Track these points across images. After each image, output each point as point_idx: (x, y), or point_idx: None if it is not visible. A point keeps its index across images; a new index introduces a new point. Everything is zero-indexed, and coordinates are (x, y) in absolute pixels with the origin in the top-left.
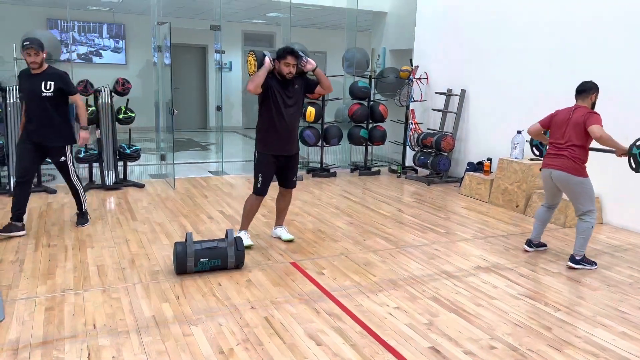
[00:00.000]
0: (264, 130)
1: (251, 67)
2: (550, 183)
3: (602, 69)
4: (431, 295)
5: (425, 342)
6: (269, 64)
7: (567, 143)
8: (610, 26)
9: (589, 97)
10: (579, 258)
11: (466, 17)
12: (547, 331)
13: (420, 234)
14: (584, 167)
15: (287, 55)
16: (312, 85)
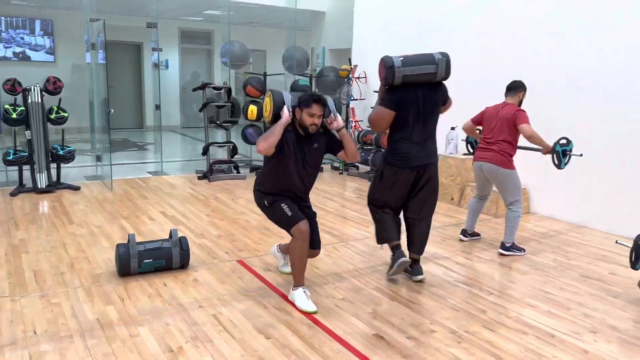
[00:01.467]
0: (270, 193)
1: (267, 111)
2: (481, 175)
3: (526, 69)
4: (374, 286)
5: (371, 329)
6: (288, 117)
7: (496, 138)
8: (536, 28)
9: (517, 95)
10: (509, 245)
11: (402, 18)
12: (482, 314)
13: (363, 228)
14: (512, 160)
15: (313, 104)
16: (338, 145)
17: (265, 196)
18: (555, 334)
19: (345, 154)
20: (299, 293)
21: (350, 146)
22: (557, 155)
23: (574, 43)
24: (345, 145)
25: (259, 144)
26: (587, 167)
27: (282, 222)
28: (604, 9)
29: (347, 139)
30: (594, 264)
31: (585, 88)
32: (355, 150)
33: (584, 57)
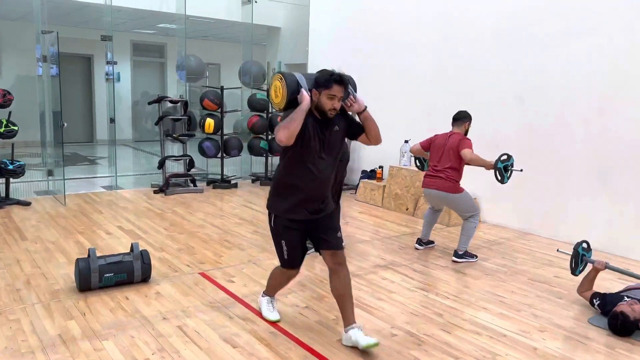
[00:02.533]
0: (285, 186)
1: (277, 97)
2: (431, 198)
3: (475, 86)
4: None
5: (335, 335)
6: (309, 100)
7: (443, 166)
8: (484, 46)
9: (463, 124)
10: (462, 253)
11: (356, 34)
12: (439, 317)
13: None
14: (459, 184)
15: (333, 85)
16: (357, 129)
17: (276, 210)
18: (507, 334)
19: (369, 138)
20: (266, 302)
21: (375, 128)
22: (500, 172)
23: (519, 60)
24: (368, 128)
25: (279, 133)
26: (532, 178)
27: (277, 254)
28: (547, 27)
29: (371, 121)
30: (540, 268)
31: (528, 103)
32: (379, 132)
33: (528, 74)
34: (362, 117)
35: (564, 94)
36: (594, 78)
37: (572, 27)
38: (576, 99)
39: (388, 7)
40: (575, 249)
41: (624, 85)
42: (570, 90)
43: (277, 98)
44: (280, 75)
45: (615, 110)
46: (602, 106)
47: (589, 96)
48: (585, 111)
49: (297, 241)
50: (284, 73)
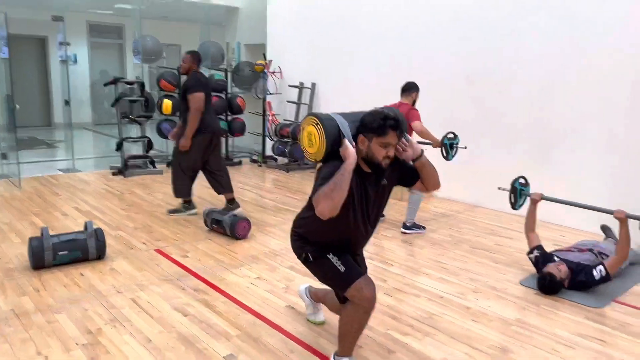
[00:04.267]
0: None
1: (313, 146)
2: None
3: (428, 67)
4: (289, 265)
5: (283, 302)
6: (355, 156)
7: None
8: (438, 30)
9: (411, 95)
10: (410, 224)
11: (315, 15)
12: (383, 283)
13: (280, 215)
14: None
15: (389, 131)
16: (412, 176)
17: (308, 245)
18: (444, 296)
19: (426, 186)
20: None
21: (435, 175)
22: (445, 148)
23: (469, 44)
24: (427, 175)
25: (321, 205)
26: (481, 154)
27: (333, 280)
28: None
29: (430, 167)
30: (482, 237)
31: (478, 83)
32: (438, 177)
33: (478, 56)
34: (418, 164)
35: (511, 74)
36: (538, 58)
37: (518, 9)
38: (522, 79)
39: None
40: (512, 184)
41: (566, 67)
42: (517, 71)
43: (311, 148)
44: (316, 119)
45: (556, 91)
46: (544, 87)
47: (533, 77)
48: (529, 92)
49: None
50: (320, 116)
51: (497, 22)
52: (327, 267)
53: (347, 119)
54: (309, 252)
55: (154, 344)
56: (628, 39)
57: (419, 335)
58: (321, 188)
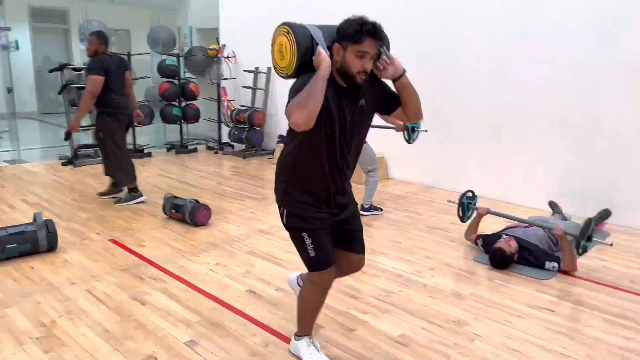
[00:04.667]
0: (297, 177)
1: (284, 58)
2: None
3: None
4: (248, 250)
5: (243, 287)
6: (329, 63)
7: None
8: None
9: None
10: (367, 206)
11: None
12: None
13: (238, 202)
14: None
15: (366, 38)
16: (392, 100)
17: (290, 205)
18: (402, 274)
19: (406, 113)
20: (305, 345)
21: (415, 100)
22: (407, 132)
23: (421, 26)
24: (407, 99)
25: (295, 115)
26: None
27: (302, 258)
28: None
29: (411, 90)
30: (438, 217)
31: (429, 67)
32: (420, 104)
33: (429, 39)
34: (398, 84)
35: (462, 54)
36: (494, 39)
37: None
38: (474, 60)
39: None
40: (460, 200)
41: (516, 49)
42: (473, 52)
43: (282, 60)
44: (287, 27)
45: (508, 73)
46: (497, 68)
47: (489, 57)
48: (481, 73)
49: (322, 231)
50: (291, 24)
51: (446, 2)
52: (299, 244)
53: (322, 29)
54: (285, 216)
55: (112, 334)
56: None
57: (378, 313)
58: (294, 98)
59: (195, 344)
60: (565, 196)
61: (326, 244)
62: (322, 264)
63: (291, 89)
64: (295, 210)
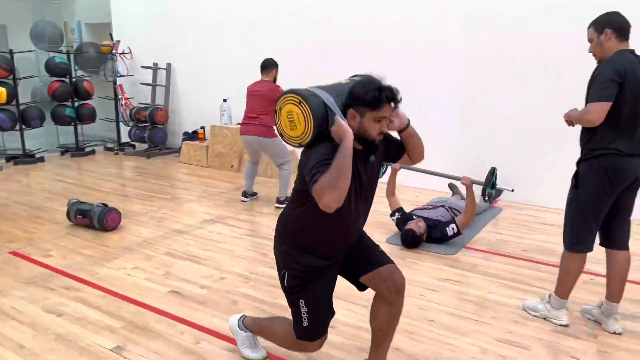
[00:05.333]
0: (306, 237)
1: (296, 129)
2: (249, 146)
3: (280, 44)
4: (165, 252)
5: (165, 288)
6: (351, 133)
7: (257, 113)
8: (290, 5)
9: (271, 72)
10: (283, 199)
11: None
12: (264, 257)
13: (148, 203)
14: (273, 130)
15: (384, 104)
16: (398, 149)
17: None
18: None
19: (412, 157)
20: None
21: (421, 145)
22: None
23: (319, 14)
24: (413, 146)
25: (326, 198)
26: None
27: (294, 322)
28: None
29: (417, 138)
30: None
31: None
32: (423, 147)
33: (333, 28)
34: (404, 135)
35: (364, 42)
36: (392, 23)
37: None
38: (374, 47)
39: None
40: None
41: (418, 31)
42: (370, 38)
43: (294, 130)
44: (297, 97)
45: (409, 56)
46: (400, 52)
47: (385, 43)
48: (382, 58)
49: (323, 293)
50: (302, 93)
51: None
52: (294, 309)
53: (329, 92)
54: (287, 278)
55: (28, 349)
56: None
57: None
58: (320, 178)
59: (123, 349)
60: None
61: (322, 313)
62: (312, 336)
63: (309, 161)
64: (298, 274)
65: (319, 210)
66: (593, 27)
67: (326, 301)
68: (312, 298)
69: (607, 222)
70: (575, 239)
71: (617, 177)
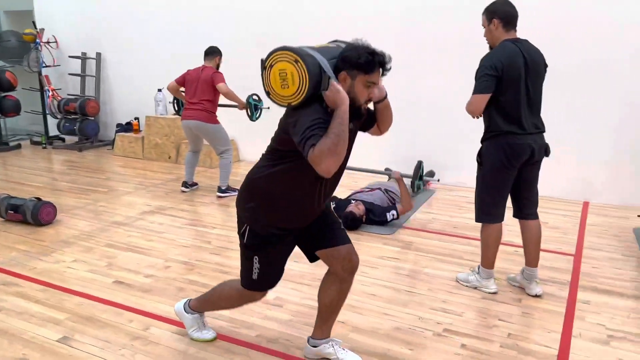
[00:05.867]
0: (277, 198)
1: (289, 87)
2: (190, 132)
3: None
4: (106, 243)
5: (109, 279)
6: (346, 96)
7: (199, 98)
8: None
9: (214, 59)
10: (224, 188)
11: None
12: (208, 244)
13: (83, 196)
14: (215, 115)
15: (376, 68)
16: (371, 120)
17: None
18: None
19: (380, 129)
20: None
21: (391, 118)
22: (250, 107)
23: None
24: (385, 117)
25: (326, 163)
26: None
27: (242, 272)
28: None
29: (390, 110)
30: None
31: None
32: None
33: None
34: (380, 106)
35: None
36: (324, 18)
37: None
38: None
39: None
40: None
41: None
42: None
43: (286, 90)
44: (294, 55)
45: None
46: None
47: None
48: None
49: (278, 256)
50: (298, 52)
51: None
52: (246, 262)
53: (322, 55)
54: (246, 233)
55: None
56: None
57: None
58: (319, 144)
59: (69, 339)
60: (397, 162)
61: (273, 272)
62: (258, 287)
63: (300, 123)
64: (259, 231)
65: (296, 171)
66: (485, 15)
67: (280, 263)
68: (268, 258)
69: (516, 195)
70: (486, 211)
71: (514, 153)
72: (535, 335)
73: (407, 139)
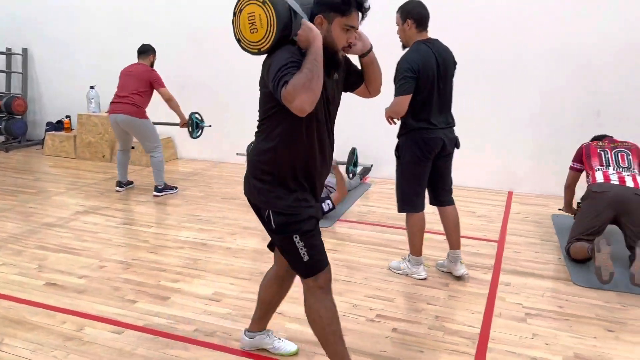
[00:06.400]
0: (286, 167)
1: (258, 31)
2: (118, 128)
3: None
4: (36, 245)
5: (40, 281)
6: (320, 35)
7: (129, 92)
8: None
9: (149, 57)
10: (161, 187)
11: None
12: (145, 243)
13: (10, 198)
14: (144, 111)
15: (354, 10)
16: (357, 77)
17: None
18: (206, 243)
19: (369, 89)
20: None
21: (380, 76)
22: (192, 125)
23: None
24: (373, 75)
25: (299, 99)
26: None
27: (293, 264)
28: None
29: (377, 66)
30: (230, 187)
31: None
32: (382, 81)
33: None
34: (365, 60)
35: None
36: None
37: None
38: None
39: None
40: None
41: None
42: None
43: (255, 34)
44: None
45: None
46: None
47: None
48: None
49: (313, 227)
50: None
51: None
52: (289, 248)
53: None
54: (273, 219)
55: None
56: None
57: (188, 279)
58: (291, 80)
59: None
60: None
61: (319, 244)
62: (317, 267)
63: (272, 66)
64: (285, 210)
65: (291, 133)
66: (399, 13)
67: (319, 235)
68: (305, 229)
69: (432, 185)
70: (407, 202)
71: (427, 146)
72: (459, 317)
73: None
